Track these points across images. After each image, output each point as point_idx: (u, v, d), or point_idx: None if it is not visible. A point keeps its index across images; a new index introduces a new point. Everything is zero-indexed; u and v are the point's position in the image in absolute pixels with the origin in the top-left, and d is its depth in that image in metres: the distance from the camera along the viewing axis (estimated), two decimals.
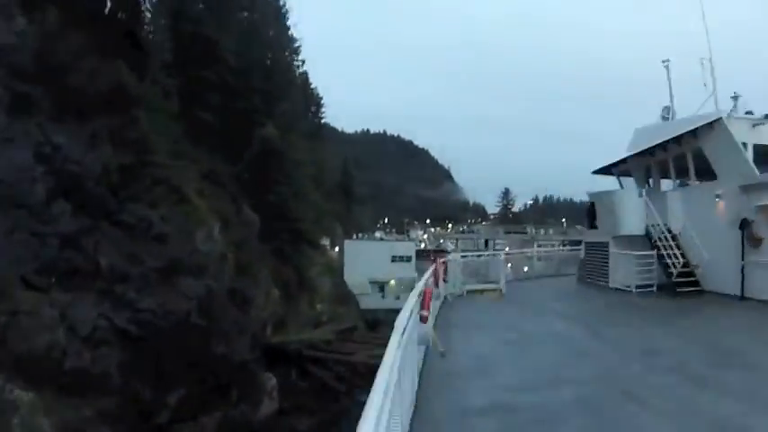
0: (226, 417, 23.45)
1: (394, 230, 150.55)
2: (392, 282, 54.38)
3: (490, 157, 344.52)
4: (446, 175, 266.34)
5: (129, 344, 20.38)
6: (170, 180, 26.76)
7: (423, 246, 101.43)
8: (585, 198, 24.58)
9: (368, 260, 54.66)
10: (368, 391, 3.68)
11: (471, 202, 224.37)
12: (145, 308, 21.55)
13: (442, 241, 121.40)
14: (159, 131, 28.13)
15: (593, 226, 21.89)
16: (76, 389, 18.17)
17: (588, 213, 22.42)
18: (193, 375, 22.29)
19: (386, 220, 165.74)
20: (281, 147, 42.21)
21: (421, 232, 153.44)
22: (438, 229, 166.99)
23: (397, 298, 51.03)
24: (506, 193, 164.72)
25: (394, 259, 58.07)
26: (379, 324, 49.61)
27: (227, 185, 35.93)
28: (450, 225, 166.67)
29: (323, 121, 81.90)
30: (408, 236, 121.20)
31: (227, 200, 34.32)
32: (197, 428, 21.92)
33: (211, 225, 28.28)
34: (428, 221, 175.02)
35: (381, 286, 55.45)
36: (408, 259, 59.54)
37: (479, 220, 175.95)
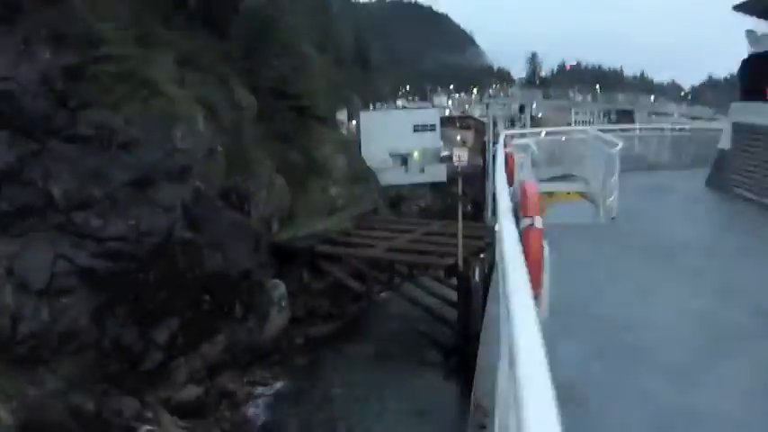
0: (231, 338, 20.62)
1: (417, 98, 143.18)
2: (415, 153, 49.63)
3: (513, 23, 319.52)
4: (469, 40, 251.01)
5: (97, 285, 17.18)
6: (135, 74, 22.33)
7: (447, 113, 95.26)
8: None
9: (387, 131, 49.40)
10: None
11: (495, 68, 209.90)
12: (113, 235, 18.13)
13: (467, 107, 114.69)
14: (113, 18, 23.11)
15: (753, 93, 12.28)
16: (37, 358, 15.24)
17: (746, 72, 13.11)
18: (185, 300, 19.35)
19: (407, 88, 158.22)
20: (275, 14, 36.63)
21: (445, 98, 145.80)
22: (462, 94, 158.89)
23: (422, 171, 46.90)
24: (534, 56, 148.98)
25: (416, 129, 52.02)
26: (403, 201, 46.27)
27: (214, 68, 31.08)
28: (474, 90, 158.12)
29: None
30: (432, 103, 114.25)
31: (213, 85, 29.76)
32: (197, 360, 19.09)
33: (193, 117, 24.04)
34: (451, 87, 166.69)
35: (404, 159, 50.53)
36: (432, 128, 53.57)
37: (505, 85, 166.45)
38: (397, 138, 49.06)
